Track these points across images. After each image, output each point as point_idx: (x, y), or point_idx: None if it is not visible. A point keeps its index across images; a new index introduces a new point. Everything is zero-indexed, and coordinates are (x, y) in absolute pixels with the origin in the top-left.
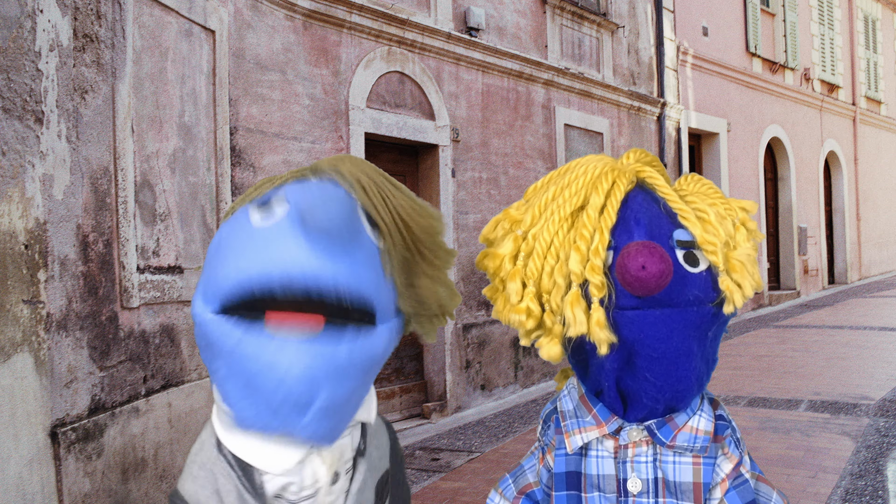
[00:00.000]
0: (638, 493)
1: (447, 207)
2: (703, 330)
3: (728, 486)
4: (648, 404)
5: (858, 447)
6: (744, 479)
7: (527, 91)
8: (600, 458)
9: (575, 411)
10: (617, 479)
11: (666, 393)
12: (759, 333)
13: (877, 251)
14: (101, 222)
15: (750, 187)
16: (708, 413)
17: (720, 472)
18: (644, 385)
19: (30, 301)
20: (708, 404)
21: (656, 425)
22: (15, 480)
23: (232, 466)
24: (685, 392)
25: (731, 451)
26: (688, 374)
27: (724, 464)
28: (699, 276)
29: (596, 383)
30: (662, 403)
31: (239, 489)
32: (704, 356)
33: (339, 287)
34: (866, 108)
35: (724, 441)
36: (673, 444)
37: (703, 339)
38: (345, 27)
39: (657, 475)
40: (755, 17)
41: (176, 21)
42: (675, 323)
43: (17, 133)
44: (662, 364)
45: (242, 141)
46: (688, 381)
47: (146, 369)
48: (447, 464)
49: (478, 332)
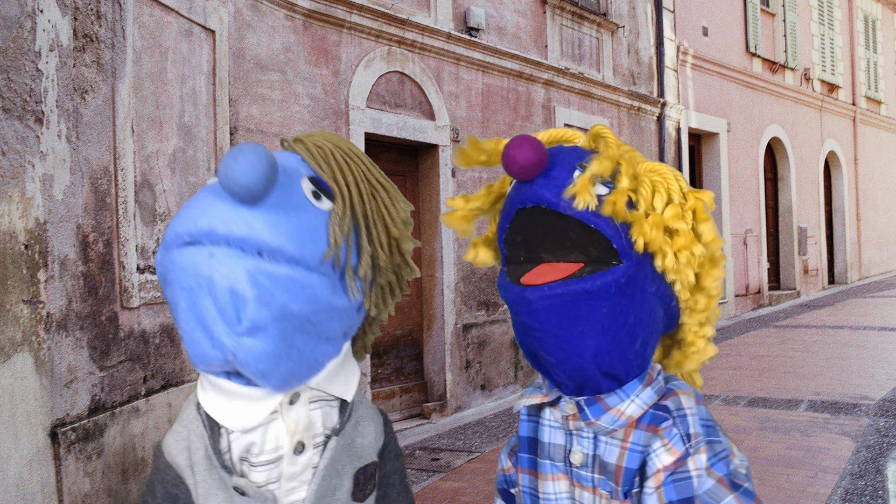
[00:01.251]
0: (580, 465)
1: (447, 207)
2: (605, 302)
3: (664, 479)
4: (555, 379)
5: (858, 447)
6: (686, 476)
7: (527, 91)
8: (552, 427)
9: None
10: (564, 448)
11: (567, 370)
12: (759, 333)
13: (877, 251)
14: (101, 222)
15: (750, 187)
16: (644, 400)
17: (657, 462)
18: (544, 363)
19: (30, 301)
20: (653, 392)
21: (585, 402)
22: (15, 480)
23: (204, 426)
24: (585, 370)
25: (672, 443)
26: (580, 351)
27: (664, 455)
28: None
29: None
30: (570, 381)
31: (206, 448)
32: (605, 332)
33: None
34: (866, 108)
35: (663, 432)
36: (592, 422)
37: (589, 317)
38: (345, 27)
39: (596, 451)
40: (755, 17)
41: (176, 21)
42: (544, 307)
43: (17, 133)
44: (548, 342)
45: (242, 141)
46: (582, 359)
47: (146, 369)
48: (447, 464)
49: (478, 332)
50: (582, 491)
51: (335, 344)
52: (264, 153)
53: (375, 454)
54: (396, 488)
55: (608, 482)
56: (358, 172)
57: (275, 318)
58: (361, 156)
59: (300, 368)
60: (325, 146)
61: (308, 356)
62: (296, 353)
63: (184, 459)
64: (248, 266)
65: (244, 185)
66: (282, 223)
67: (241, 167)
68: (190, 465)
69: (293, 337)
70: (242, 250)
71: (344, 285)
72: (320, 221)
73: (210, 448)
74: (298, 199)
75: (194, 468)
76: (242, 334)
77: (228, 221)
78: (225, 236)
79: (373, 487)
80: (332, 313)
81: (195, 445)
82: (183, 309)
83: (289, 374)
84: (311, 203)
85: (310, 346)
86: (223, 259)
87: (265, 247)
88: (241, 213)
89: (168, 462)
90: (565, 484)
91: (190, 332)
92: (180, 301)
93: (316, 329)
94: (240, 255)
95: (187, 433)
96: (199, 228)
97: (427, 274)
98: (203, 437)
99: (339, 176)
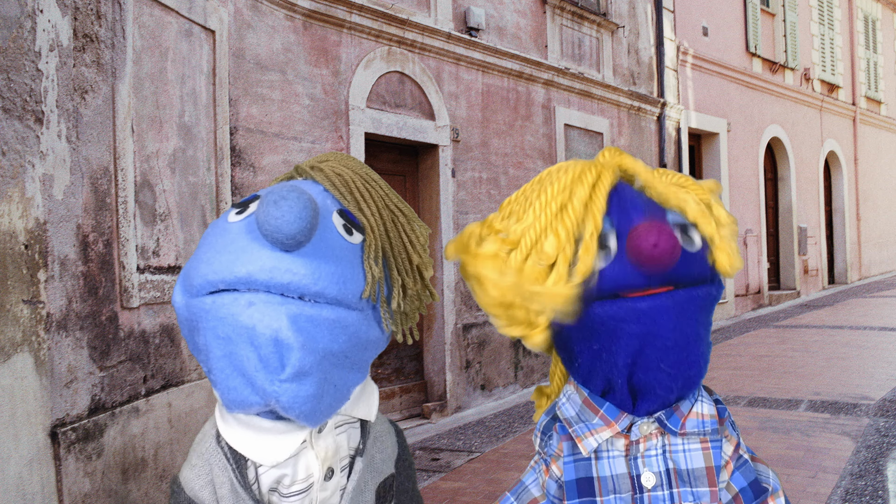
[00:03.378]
0: (652, 486)
1: (447, 207)
2: (706, 312)
3: (733, 468)
4: (662, 395)
5: (858, 447)
6: (745, 460)
7: (527, 91)
8: (611, 458)
9: (579, 416)
10: (630, 476)
11: (679, 381)
12: (759, 333)
13: (877, 251)
14: (101, 222)
15: (750, 187)
16: (707, 398)
17: (724, 454)
18: (658, 376)
19: (30, 301)
20: (704, 390)
21: (665, 415)
22: (15, 480)
23: (228, 459)
24: (695, 377)
25: (730, 433)
26: (697, 359)
27: (726, 446)
28: (698, 254)
29: (606, 382)
30: (675, 392)
31: (232, 481)
32: (706, 339)
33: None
34: (866, 108)
35: (725, 423)
36: (683, 431)
37: (706, 321)
38: (345, 27)
39: (668, 466)
40: (755, 17)
41: (176, 21)
42: (683, 308)
43: (17, 133)
44: (675, 352)
45: (242, 141)
46: (698, 367)
47: (146, 369)
48: (447, 464)
49: (478, 332)
50: None
51: (364, 372)
52: (307, 202)
53: (393, 466)
54: (409, 494)
55: (693, 490)
56: (379, 200)
57: (318, 361)
58: (379, 180)
59: (336, 402)
60: (345, 174)
61: (342, 388)
62: (332, 388)
63: (208, 494)
64: (291, 311)
65: (290, 235)
66: (323, 266)
67: (286, 217)
68: (215, 500)
69: (331, 374)
70: (283, 296)
71: (378, 317)
72: (356, 257)
73: (237, 482)
74: (333, 237)
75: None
76: (286, 381)
77: (270, 269)
78: (265, 283)
79: (391, 498)
80: (367, 346)
81: (220, 479)
82: (218, 357)
83: (327, 410)
84: (345, 239)
85: (343, 378)
86: (264, 308)
87: (308, 291)
88: (283, 259)
89: (190, 498)
90: None
91: (225, 379)
92: (214, 349)
93: (350, 362)
94: (281, 302)
95: (209, 467)
96: (236, 276)
97: None
98: (227, 471)
99: (364, 207)
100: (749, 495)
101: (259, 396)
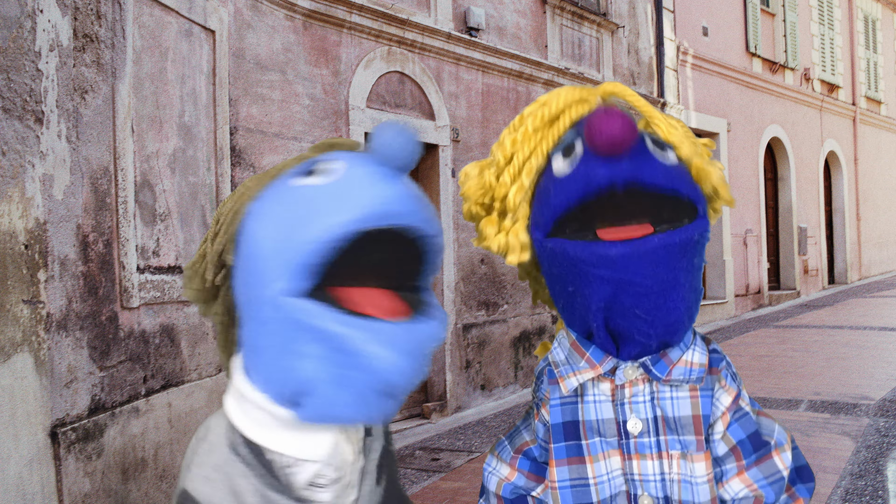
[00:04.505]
0: (639, 433)
1: (447, 207)
2: (687, 256)
3: (730, 419)
4: (641, 341)
5: (858, 447)
6: (744, 412)
7: (527, 91)
8: (598, 402)
9: (567, 359)
10: (616, 421)
11: (657, 328)
12: (759, 333)
13: (877, 251)
14: (101, 222)
15: (750, 187)
16: (701, 347)
17: (720, 405)
18: (635, 322)
19: (30, 301)
20: (700, 339)
21: (651, 361)
22: (15, 480)
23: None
24: (676, 324)
25: (728, 383)
26: (677, 304)
27: (724, 397)
28: (674, 169)
29: (584, 325)
30: (655, 339)
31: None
32: (692, 285)
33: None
34: (866, 108)
35: (721, 374)
36: (669, 378)
37: (689, 266)
38: (345, 27)
39: (656, 413)
40: (755, 17)
41: (176, 21)
42: (658, 255)
43: (17, 133)
44: (650, 298)
45: (242, 141)
46: (678, 313)
47: (146, 369)
48: (447, 464)
49: (478, 332)
50: (642, 461)
51: None
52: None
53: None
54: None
55: (681, 438)
56: None
57: None
58: None
59: None
60: None
61: None
62: None
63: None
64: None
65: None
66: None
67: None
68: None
69: None
70: None
71: None
72: None
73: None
74: None
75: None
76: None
77: None
78: None
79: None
80: None
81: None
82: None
83: None
84: None
85: None
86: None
87: None
88: None
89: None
90: (618, 460)
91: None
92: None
93: None
94: None
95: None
96: None
97: None
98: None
99: None
100: (748, 447)
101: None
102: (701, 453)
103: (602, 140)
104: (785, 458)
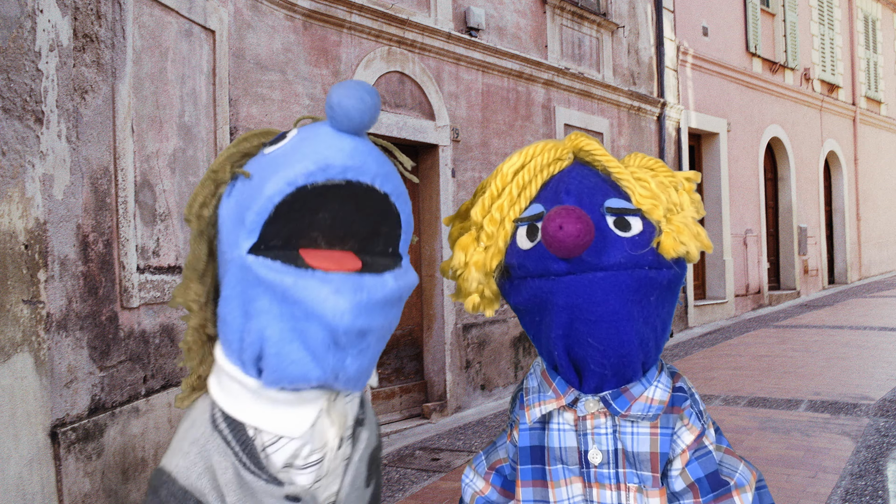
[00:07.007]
0: (599, 464)
1: (447, 207)
2: (641, 293)
3: (689, 458)
4: (597, 371)
5: (858, 447)
6: (706, 451)
7: (527, 91)
8: (561, 430)
9: (538, 387)
10: (578, 450)
11: (610, 357)
12: (759, 333)
13: (877, 251)
14: (101, 222)
15: (750, 187)
16: (665, 384)
17: (680, 443)
18: (588, 350)
19: (30, 301)
20: (667, 376)
21: (611, 396)
22: (15, 480)
23: (228, 443)
24: (629, 356)
25: (691, 422)
26: (630, 337)
27: (685, 435)
28: (630, 240)
29: (550, 356)
30: (609, 369)
31: (236, 466)
32: (647, 321)
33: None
34: (866, 108)
35: (684, 412)
36: (628, 413)
37: (644, 302)
38: (345, 27)
39: (617, 446)
40: (755, 17)
41: (176, 21)
42: (608, 286)
43: (17, 133)
44: (601, 327)
45: None
46: (630, 345)
47: (146, 369)
48: (447, 464)
49: (478, 332)
50: (602, 490)
51: None
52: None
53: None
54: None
55: (638, 473)
56: None
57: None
58: None
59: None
60: None
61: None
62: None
63: (207, 482)
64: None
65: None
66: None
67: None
68: (216, 488)
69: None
70: None
71: None
72: None
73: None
74: None
75: (224, 489)
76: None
77: None
78: None
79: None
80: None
81: (221, 465)
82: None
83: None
84: None
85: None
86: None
87: None
88: None
89: (184, 487)
90: (579, 487)
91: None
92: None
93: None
94: None
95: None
96: None
97: (427, 274)
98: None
99: None
100: (706, 486)
101: (321, 370)
102: (656, 489)
103: (557, 248)
104: (745, 499)
